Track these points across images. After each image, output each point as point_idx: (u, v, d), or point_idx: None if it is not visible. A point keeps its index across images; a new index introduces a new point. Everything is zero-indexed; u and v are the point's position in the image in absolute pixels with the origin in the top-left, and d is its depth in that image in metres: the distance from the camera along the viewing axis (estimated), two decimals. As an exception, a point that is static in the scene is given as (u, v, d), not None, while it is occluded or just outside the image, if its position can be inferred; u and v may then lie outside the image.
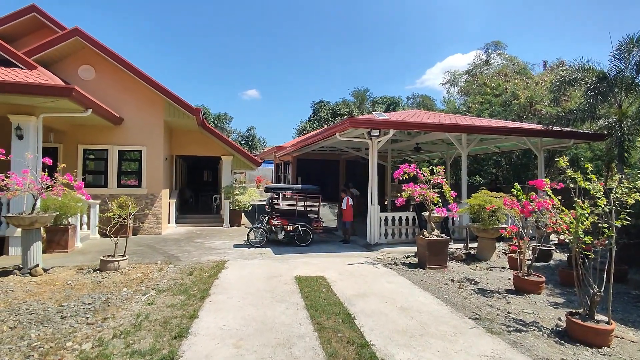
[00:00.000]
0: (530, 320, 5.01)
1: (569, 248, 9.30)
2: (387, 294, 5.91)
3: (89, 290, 6.01)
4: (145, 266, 7.71)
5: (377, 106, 42.84)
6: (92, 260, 8.04)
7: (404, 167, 8.26)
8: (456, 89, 37.05)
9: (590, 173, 4.83)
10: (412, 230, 11.24)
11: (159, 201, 12.44)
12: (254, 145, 53.64)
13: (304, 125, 42.14)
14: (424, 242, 7.87)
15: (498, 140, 13.88)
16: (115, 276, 6.85)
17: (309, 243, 10.65)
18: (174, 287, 6.16)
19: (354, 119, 9.98)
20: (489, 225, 8.52)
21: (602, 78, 10.78)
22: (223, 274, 7.06)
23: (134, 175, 12.36)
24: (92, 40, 11.34)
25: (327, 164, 21.86)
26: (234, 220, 14.73)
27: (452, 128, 10.68)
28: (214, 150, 15.33)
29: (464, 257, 8.74)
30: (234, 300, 5.47)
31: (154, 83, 11.97)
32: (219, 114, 51.06)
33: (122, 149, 12.18)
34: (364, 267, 7.81)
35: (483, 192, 9.15)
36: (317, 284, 6.35)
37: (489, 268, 8.07)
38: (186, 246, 10.24)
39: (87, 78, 11.67)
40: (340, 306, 5.25)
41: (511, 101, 20.86)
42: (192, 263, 8.07)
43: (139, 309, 5.10)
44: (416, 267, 7.90)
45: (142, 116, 12.20)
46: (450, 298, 5.81)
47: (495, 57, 34.86)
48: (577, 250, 4.67)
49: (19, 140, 8.47)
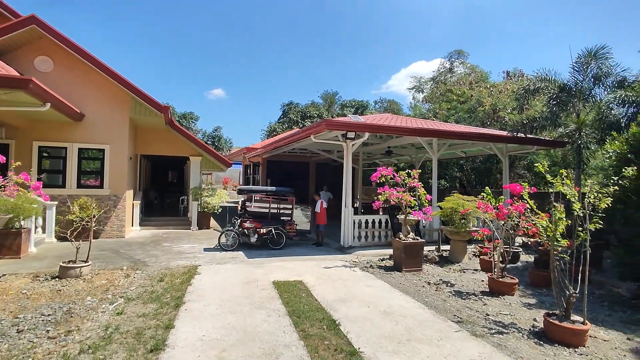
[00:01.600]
0: (508, 321, 5.13)
1: (535, 250, 9.77)
2: (368, 298, 5.86)
3: (47, 299, 5.52)
4: (110, 272, 7.22)
5: (346, 109, 43.24)
6: (49, 267, 7.43)
7: (382, 170, 8.28)
8: (422, 95, 38.17)
9: (551, 179, 5.03)
10: (384, 233, 11.33)
11: (122, 203, 11.77)
12: (221, 145, 52.48)
13: (274, 127, 41.75)
14: (400, 245, 7.92)
15: (465, 146, 14.34)
16: (77, 284, 6.35)
17: (282, 246, 10.46)
18: (144, 295, 5.79)
19: (330, 121, 9.91)
20: (462, 228, 8.72)
21: (562, 88, 11.38)
22: (196, 279, 6.73)
23: (96, 175, 11.63)
24: (50, 29, 10.55)
25: (298, 166, 21.71)
26: (202, 222, 14.23)
27: (425, 132, 10.87)
28: (182, 150, 14.77)
29: (437, 259, 8.89)
30: (211, 307, 5.21)
31: (120, 78, 11.33)
32: (184, 112, 49.55)
33: (83, 146, 11.41)
34: (342, 271, 7.74)
35: (455, 196, 9.37)
36: (296, 289, 6.20)
37: (462, 270, 8.25)
38: (153, 250, 9.73)
39: (44, 70, 10.85)
40: (323, 312, 5.13)
41: (476, 108, 21.69)
42: (161, 268, 7.66)
43: (107, 320, 4.73)
44: (392, 270, 7.93)
45: (106, 113, 11.51)
46: (431, 301, 5.85)
47: (458, 65, 36.28)
48: (554, 253, 4.82)
49: (-35, 136, 7.71)
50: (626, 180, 5.10)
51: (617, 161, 6.73)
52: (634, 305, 6.03)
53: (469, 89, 24.09)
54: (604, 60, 10.63)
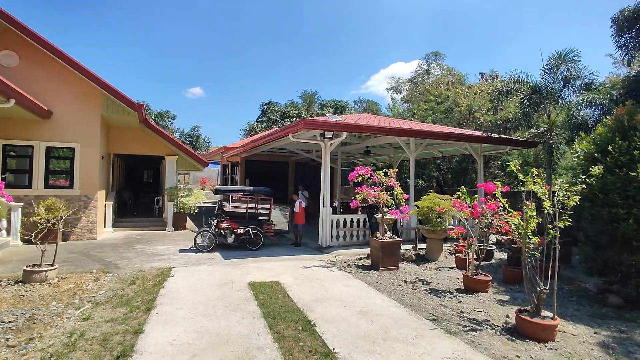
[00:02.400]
0: (482, 318, 5.21)
1: (508, 247, 10.00)
2: (345, 297, 5.84)
3: (9, 305, 5.25)
4: (78, 276, 6.94)
5: (325, 109, 43.24)
6: (13, 271, 7.08)
7: (359, 169, 8.29)
8: (400, 96, 38.64)
9: (523, 178, 5.14)
10: (363, 232, 11.37)
11: (94, 203, 11.37)
12: (199, 145, 51.55)
13: (252, 126, 41.34)
14: (378, 244, 7.95)
15: (442, 146, 14.57)
16: (42, 288, 6.07)
17: (260, 247, 10.33)
18: (113, 299, 5.58)
19: (308, 121, 9.86)
20: (438, 227, 8.84)
21: (534, 90, 11.70)
22: (169, 282, 6.55)
23: (65, 175, 11.18)
24: (14, 21, 10.07)
25: (277, 166, 21.56)
26: (178, 223, 13.91)
27: (403, 132, 10.97)
28: (157, 149, 14.40)
29: (414, 257, 8.98)
30: (183, 310, 5.06)
31: (90, 74, 10.93)
32: (160, 111, 48.41)
33: (50, 145, 10.95)
34: (319, 271, 7.70)
35: (432, 195, 9.49)
36: (272, 290, 6.11)
37: (437, 268, 8.35)
38: (125, 252, 9.43)
39: (9, 65, 10.37)
40: (299, 313, 5.07)
41: (452, 109, 22.09)
42: (133, 271, 7.42)
43: (72, 326, 4.52)
44: (370, 269, 7.95)
45: (76, 110, 11.08)
46: (407, 300, 5.88)
47: (435, 67, 36.90)
48: (525, 250, 4.93)
49: None
50: (593, 179, 5.27)
51: (584, 160, 6.95)
52: (599, 300, 6.25)
53: (446, 89, 24.52)
54: (573, 64, 11.00)
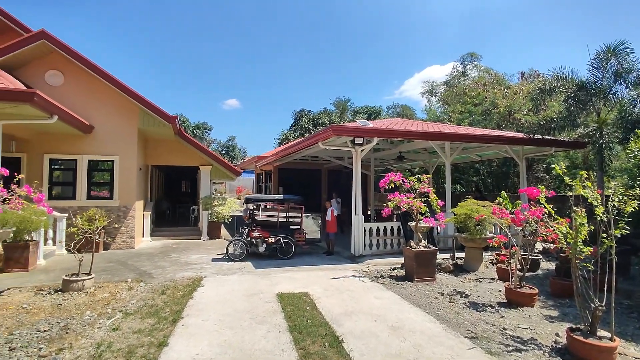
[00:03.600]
0: (528, 337, 4.73)
1: (556, 257, 9.24)
2: (376, 311, 5.54)
3: (46, 314, 5.40)
4: (113, 285, 7.10)
5: (358, 116, 42.91)
6: (54, 280, 7.36)
7: (390, 175, 7.98)
8: (436, 99, 37.65)
9: (570, 181, 4.64)
10: (397, 240, 10.96)
11: (132, 213, 11.76)
12: (235, 155, 52.86)
13: (285, 135, 41.77)
14: (412, 254, 7.57)
15: (480, 149, 13.87)
16: (78, 297, 6.23)
17: (291, 256, 10.20)
18: (143, 309, 5.61)
19: (337, 127, 9.69)
20: (477, 235, 8.30)
21: (581, 87, 10.87)
22: (199, 292, 6.53)
23: (106, 186, 11.67)
24: (60, 44, 10.70)
25: (309, 174, 21.49)
26: (212, 232, 14.12)
27: (436, 136, 10.52)
28: (192, 160, 14.76)
29: (451, 268, 8.48)
30: (209, 323, 4.98)
31: (127, 90, 11.39)
32: (198, 123, 50.16)
33: (92, 158, 11.48)
34: (350, 282, 7.43)
35: (469, 201, 8.97)
36: (300, 302, 5.92)
37: (478, 279, 7.82)
38: (160, 261, 9.62)
39: (55, 84, 11.01)
40: (327, 327, 4.83)
41: (491, 110, 21.13)
42: (165, 280, 7.50)
43: (101, 337, 4.55)
44: (404, 280, 7.57)
45: (115, 124, 11.57)
46: (443, 314, 5.48)
47: (472, 68, 35.66)
48: (576, 262, 4.43)
49: (-26, 150, 7.77)
50: (654, 181, 4.67)
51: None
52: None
53: (484, 90, 23.54)
54: (625, 56, 10.12)
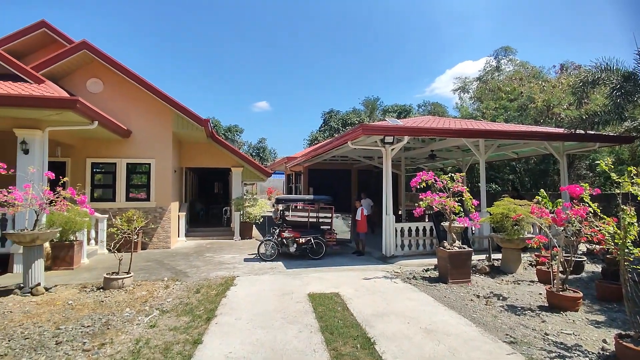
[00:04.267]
0: (572, 343, 4.46)
1: (602, 258, 8.70)
2: (409, 312, 5.41)
3: (90, 310, 5.67)
4: (151, 283, 7.36)
5: (388, 115, 42.42)
6: (97, 278, 7.73)
7: (422, 174, 7.79)
8: (468, 96, 36.58)
9: (617, 178, 4.33)
10: (429, 241, 10.72)
11: (168, 214, 12.17)
12: (265, 156, 53.65)
13: (315, 135, 41.95)
14: (445, 255, 7.35)
15: (517, 146, 13.32)
16: (118, 295, 6.50)
17: (322, 256, 10.20)
18: (178, 307, 5.77)
19: (366, 126, 9.58)
20: (515, 236, 7.95)
21: (627, 78, 10.19)
22: (232, 291, 6.65)
23: (143, 188, 12.15)
24: (100, 53, 11.26)
25: (339, 174, 21.44)
26: (244, 232, 14.37)
27: (470, 133, 10.19)
28: (223, 162, 15.09)
29: (487, 269, 8.17)
30: (242, 322, 5.05)
31: (162, 94, 11.81)
32: (229, 125, 51.31)
33: (130, 161, 11.98)
34: (382, 282, 7.32)
35: (506, 200, 8.61)
36: (331, 302, 5.89)
37: (516, 281, 7.49)
38: (195, 261, 9.88)
39: (95, 91, 11.59)
40: (358, 328, 4.77)
41: (527, 105, 20.25)
42: (200, 279, 7.69)
43: (139, 333, 4.71)
44: (437, 282, 7.37)
45: (150, 128, 12.02)
46: (479, 317, 5.28)
47: (506, 62, 34.38)
48: (625, 264, 4.13)
49: (24, 155, 8.28)
50: None
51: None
52: None
53: (519, 85, 22.59)
54: (678, 43, 9.39)
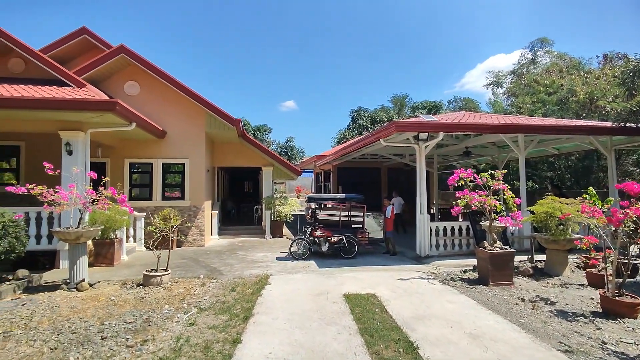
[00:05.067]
0: (635, 353, 4.12)
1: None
2: (451, 316, 5.20)
3: (131, 307, 5.81)
4: (187, 281, 7.48)
5: (417, 111, 41.61)
6: (136, 274, 7.94)
7: (459, 172, 7.50)
8: (502, 90, 35.30)
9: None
10: (465, 241, 10.37)
11: (201, 213, 12.39)
12: (293, 155, 53.90)
13: (343, 134, 41.74)
14: (486, 255, 7.04)
15: (559, 141, 12.63)
16: (157, 292, 6.64)
17: (354, 255, 10.06)
18: (216, 305, 5.81)
19: (399, 123, 9.36)
20: (561, 236, 7.51)
21: (685, 65, 9.44)
22: (267, 290, 6.64)
23: (177, 187, 12.43)
24: (136, 56, 11.59)
25: (368, 172, 21.21)
26: (275, 231, 14.44)
27: (510, 128, 9.74)
28: (254, 161, 15.22)
29: (531, 271, 7.77)
30: (279, 321, 5.01)
31: (196, 95, 12.03)
32: (258, 125, 51.91)
33: (165, 161, 12.29)
34: (419, 283, 7.10)
35: (550, 199, 8.15)
36: (369, 304, 5.75)
37: (563, 285, 7.07)
38: (228, 259, 10.00)
39: (132, 94, 11.94)
40: (399, 331, 4.62)
41: (568, 99, 19.23)
42: (234, 277, 7.75)
43: (179, 330, 4.77)
44: (477, 284, 7.07)
45: (185, 129, 12.28)
46: (527, 323, 4.99)
47: (543, 55, 32.89)
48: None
49: (68, 156, 8.63)
50: None
51: None
52: None
53: (559, 78, 21.49)
54: None
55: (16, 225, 6.90)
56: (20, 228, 7.04)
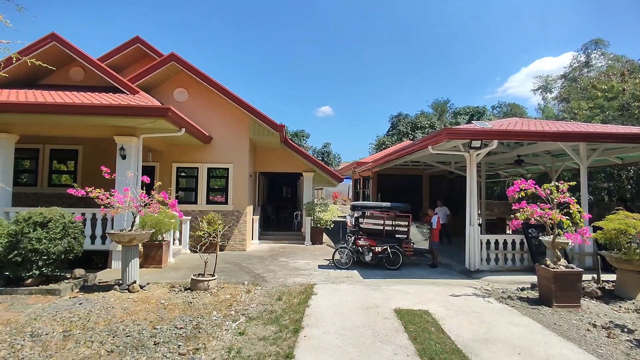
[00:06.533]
0: None
1: None
2: (517, 341, 4.77)
3: (180, 311, 5.84)
4: (233, 287, 7.47)
5: (459, 117, 40.35)
6: (183, 277, 8.05)
7: (520, 182, 7.01)
8: (552, 95, 33.48)
9: None
10: (519, 255, 9.75)
11: (244, 218, 12.50)
12: (330, 161, 53.86)
13: (382, 140, 41.19)
14: (549, 275, 6.49)
15: (624, 150, 11.64)
16: (205, 297, 6.66)
17: (399, 267, 9.70)
18: (263, 314, 5.72)
19: (451, 130, 8.94)
20: (635, 256, 6.80)
21: None
22: (313, 300, 6.48)
23: (221, 192, 12.62)
24: (186, 64, 11.94)
25: (409, 179, 20.69)
26: (315, 238, 14.31)
27: (572, 136, 9.04)
28: (295, 167, 15.21)
29: (599, 293, 7.09)
30: (330, 336, 4.81)
31: (241, 101, 12.20)
32: (296, 131, 52.38)
33: (210, 166, 12.53)
34: (473, 301, 6.67)
35: (621, 214, 7.44)
36: (422, 321, 5.43)
37: (638, 310, 6.38)
38: (271, 265, 9.96)
39: (181, 100, 12.30)
40: (461, 355, 4.28)
41: (631, 104, 17.79)
42: (279, 285, 7.66)
43: (230, 340, 4.69)
44: (538, 304, 6.52)
45: (229, 134, 12.47)
46: (607, 354, 4.47)
47: (597, 57, 30.85)
48: None
49: (122, 160, 8.95)
50: None
51: None
52: None
53: (620, 82, 19.97)
54: None
55: (75, 227, 7.20)
56: (79, 229, 7.34)
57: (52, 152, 12.33)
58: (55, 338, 4.67)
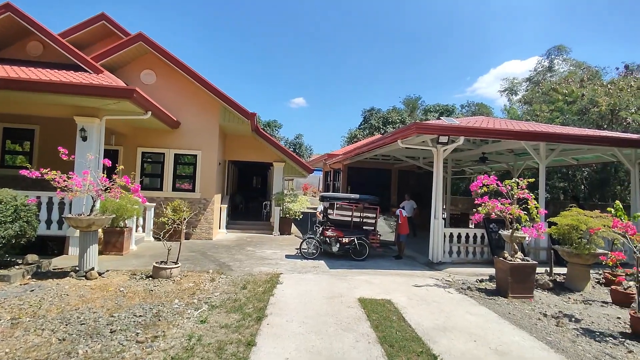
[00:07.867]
0: (673, 381, 3.88)
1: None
2: (473, 329, 4.97)
3: (140, 299, 5.66)
4: (197, 275, 7.32)
5: (429, 114, 41.26)
6: (145, 265, 7.81)
7: (483, 178, 7.25)
8: (517, 97, 34.86)
9: None
10: (480, 249, 10.13)
11: (211, 206, 12.25)
12: (301, 152, 53.76)
13: (354, 133, 41.52)
14: (506, 267, 6.79)
15: (579, 152, 12.30)
16: (167, 285, 6.49)
17: (364, 257, 9.85)
18: (227, 303, 5.64)
19: (420, 124, 9.10)
20: (584, 250, 7.23)
21: None
22: (278, 289, 6.46)
23: (188, 179, 12.29)
24: (154, 45, 11.46)
25: (379, 173, 20.97)
26: (283, 228, 14.26)
27: (535, 136, 9.44)
28: (266, 156, 15.04)
29: (550, 285, 7.50)
30: (293, 324, 4.82)
31: (211, 87, 11.87)
32: (268, 121, 51.84)
33: (178, 152, 12.16)
34: (435, 291, 6.88)
35: (574, 211, 7.87)
36: (385, 310, 5.54)
37: (585, 301, 6.80)
38: (237, 254, 9.84)
39: (148, 82, 11.82)
40: (420, 342, 4.40)
41: (589, 109, 18.81)
42: (244, 274, 7.58)
43: (191, 328, 4.60)
44: (496, 295, 6.82)
45: (198, 120, 12.13)
46: (555, 341, 4.74)
47: (560, 62, 32.40)
48: None
49: (82, 142, 8.52)
50: None
51: None
52: None
53: (579, 87, 21.05)
54: None
55: (28, 210, 6.80)
56: (32, 213, 6.94)
57: (6, 131, 11.58)
58: (1, 326, 4.41)
